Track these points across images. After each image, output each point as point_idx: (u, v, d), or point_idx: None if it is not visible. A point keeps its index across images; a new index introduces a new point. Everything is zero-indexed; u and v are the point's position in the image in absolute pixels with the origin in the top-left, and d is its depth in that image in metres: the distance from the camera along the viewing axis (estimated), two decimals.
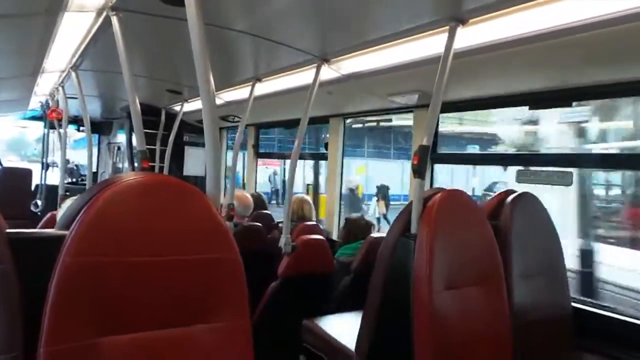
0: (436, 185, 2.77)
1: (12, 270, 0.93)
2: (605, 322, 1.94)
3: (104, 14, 1.88)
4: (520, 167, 2.32)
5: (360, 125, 13.47)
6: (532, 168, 2.23)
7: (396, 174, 13.50)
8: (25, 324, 0.92)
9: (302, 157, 2.64)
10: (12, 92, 4.21)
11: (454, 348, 1.59)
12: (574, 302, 2.06)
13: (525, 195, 2.03)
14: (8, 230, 0.98)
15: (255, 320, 2.36)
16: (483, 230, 1.79)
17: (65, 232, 0.97)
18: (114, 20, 1.80)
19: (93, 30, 2.18)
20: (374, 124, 13.07)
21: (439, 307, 1.56)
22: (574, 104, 2.13)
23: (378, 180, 13.61)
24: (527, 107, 2.26)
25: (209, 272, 1.09)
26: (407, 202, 1.79)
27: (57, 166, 5.11)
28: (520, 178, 2.24)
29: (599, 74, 1.84)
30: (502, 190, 2.13)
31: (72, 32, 2.26)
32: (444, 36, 1.64)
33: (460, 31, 1.61)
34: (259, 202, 3.75)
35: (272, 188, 15.42)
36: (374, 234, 2.60)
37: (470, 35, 1.66)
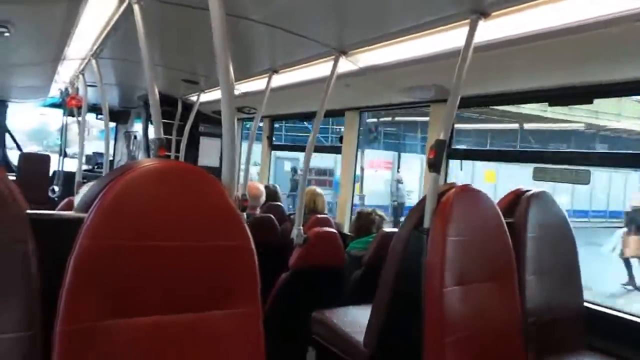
0: None
1: (32, 250, 0.95)
2: (618, 323, 1.91)
3: (126, 1, 1.90)
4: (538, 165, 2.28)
5: (481, 125, 11.25)
6: (550, 166, 2.20)
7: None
8: (43, 303, 0.94)
9: (317, 149, 2.63)
10: (33, 78, 4.27)
11: (464, 343, 1.58)
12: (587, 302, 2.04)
13: (540, 193, 2.01)
14: (29, 212, 1.00)
15: (266, 311, 2.38)
16: (497, 227, 1.77)
17: (84, 214, 0.99)
18: (136, 8, 1.81)
19: (115, 18, 2.19)
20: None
21: (450, 303, 1.55)
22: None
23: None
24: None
25: (223, 259, 1.10)
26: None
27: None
28: (537, 175, 2.21)
29: (623, 71, 1.80)
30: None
31: (94, 20, 2.28)
32: (463, 29, 1.61)
33: (481, 25, 1.58)
34: (272, 193, 3.77)
35: (393, 202, 10.32)
36: (386, 228, 2.60)
37: (491, 29, 1.63)
